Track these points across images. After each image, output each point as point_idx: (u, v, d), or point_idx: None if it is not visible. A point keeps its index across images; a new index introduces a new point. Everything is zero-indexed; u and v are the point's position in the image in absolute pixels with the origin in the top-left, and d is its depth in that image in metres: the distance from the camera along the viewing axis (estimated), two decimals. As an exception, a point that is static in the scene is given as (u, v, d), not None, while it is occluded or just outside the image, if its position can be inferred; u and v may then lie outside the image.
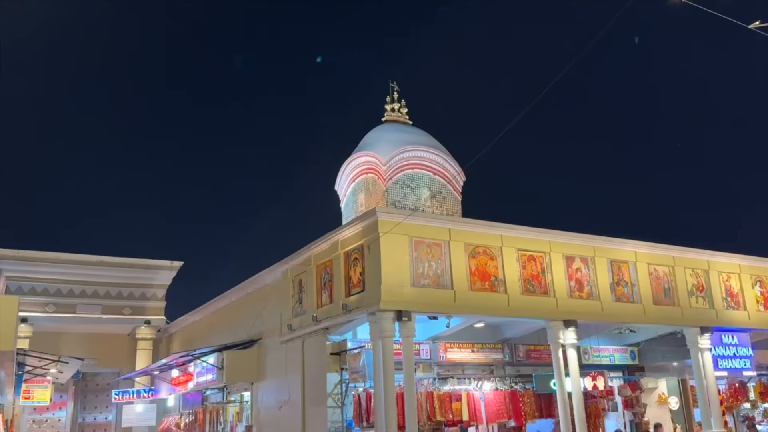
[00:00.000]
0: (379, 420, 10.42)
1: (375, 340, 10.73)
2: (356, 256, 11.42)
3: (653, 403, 16.83)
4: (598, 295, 12.83)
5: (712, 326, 14.14)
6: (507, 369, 14.52)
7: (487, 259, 11.80)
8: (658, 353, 16.24)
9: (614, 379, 15.89)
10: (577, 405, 12.14)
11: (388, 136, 21.88)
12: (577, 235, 12.95)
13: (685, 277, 14.13)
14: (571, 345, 12.32)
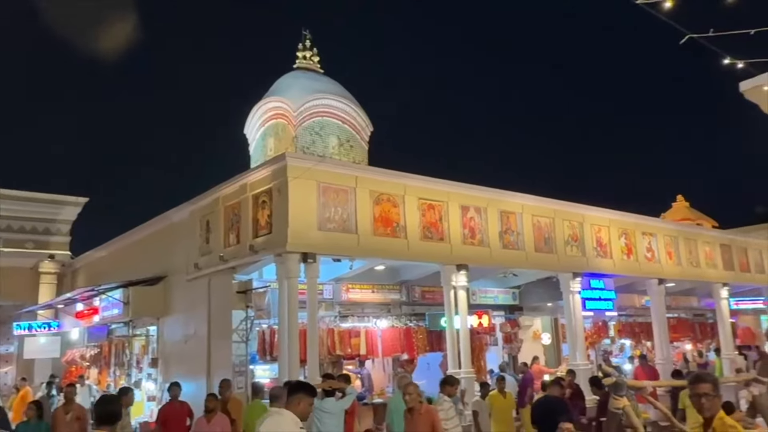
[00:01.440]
0: (283, 354, 10.32)
1: (281, 280, 10.51)
2: (264, 199, 11.04)
3: (529, 338, 17.69)
4: (488, 242, 13.12)
5: (582, 272, 14.84)
6: (403, 308, 14.74)
7: (390, 206, 11.75)
8: (535, 295, 16.99)
9: (497, 317, 16.50)
10: (464, 340, 12.50)
11: (299, 83, 21.21)
12: (473, 187, 13.11)
13: (563, 228, 14.68)
14: (461, 287, 12.60)
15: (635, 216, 16.63)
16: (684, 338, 21.14)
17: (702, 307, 22.03)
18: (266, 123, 21.01)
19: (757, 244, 20.77)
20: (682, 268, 17.46)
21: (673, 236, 17.51)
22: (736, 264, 19.43)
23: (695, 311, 22.28)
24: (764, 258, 20.70)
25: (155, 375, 13.94)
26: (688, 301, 21.74)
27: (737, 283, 19.51)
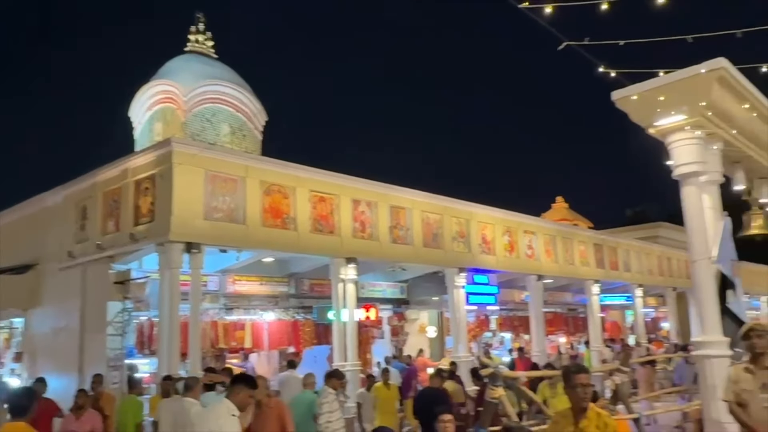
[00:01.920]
0: (162, 347, 9.89)
1: (162, 271, 10.05)
2: (147, 185, 10.51)
3: (415, 331, 18.07)
4: (378, 237, 13.23)
5: (467, 267, 15.34)
6: (291, 301, 14.56)
7: (281, 197, 11.55)
8: (422, 289, 17.35)
9: (384, 310, 16.72)
10: (351, 333, 12.55)
11: (190, 67, 20.38)
12: (365, 182, 13.17)
13: (451, 224, 15.08)
14: (350, 280, 12.62)
15: (518, 215, 17.38)
16: (558, 332, 22.40)
17: (575, 303, 23.42)
18: (154, 107, 20.03)
19: (626, 245, 22.34)
20: (559, 266, 18.45)
21: (551, 235, 18.46)
22: (607, 262, 20.79)
23: (569, 306, 23.66)
24: (631, 257, 22.29)
25: (19, 370, 12.95)
26: (563, 297, 23.04)
27: (607, 281, 20.88)
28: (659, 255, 24.28)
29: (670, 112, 6.44)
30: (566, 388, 4.01)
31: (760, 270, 30.12)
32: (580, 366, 4.25)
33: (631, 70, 6.66)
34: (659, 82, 6.52)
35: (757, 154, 8.00)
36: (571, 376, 3.94)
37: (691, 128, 6.50)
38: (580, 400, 3.89)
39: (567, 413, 3.99)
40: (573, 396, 3.95)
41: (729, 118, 6.93)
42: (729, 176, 8.14)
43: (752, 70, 6.87)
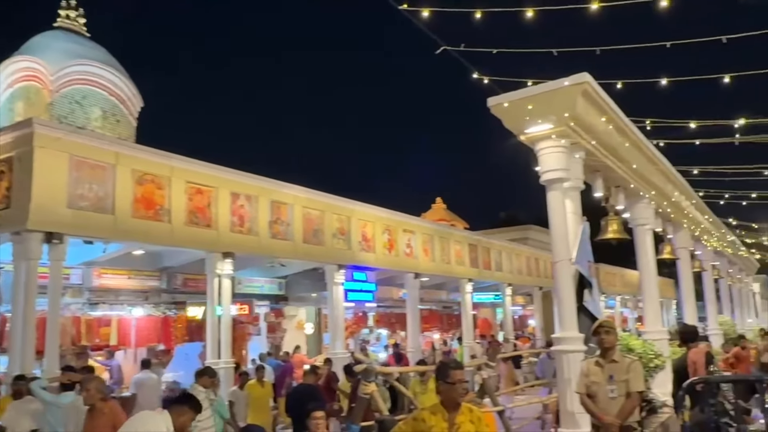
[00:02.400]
0: (15, 345, 9.11)
1: (17, 262, 9.26)
2: (3, 168, 9.62)
3: (292, 328, 17.93)
4: (257, 231, 12.98)
5: (347, 264, 15.44)
6: (163, 296, 13.96)
7: (155, 187, 11.01)
8: (301, 285, 17.26)
9: (262, 306, 16.45)
10: (225, 330, 12.22)
11: (59, 45, 18.95)
12: (246, 175, 12.86)
13: (332, 221, 15.09)
14: (226, 275, 12.29)
15: (398, 214, 17.71)
16: (433, 328, 23.11)
17: (450, 300, 24.26)
18: (15, 84, 18.43)
19: (498, 246, 23.43)
20: (435, 264, 19.00)
21: (429, 235, 18.98)
22: (481, 262, 21.70)
23: (444, 304, 24.47)
24: (503, 258, 23.41)
25: None
26: (439, 295, 23.79)
27: (480, 280, 21.79)
28: (528, 256, 25.68)
29: (538, 120, 6.83)
30: (442, 383, 3.87)
31: (616, 271, 32.78)
32: (458, 362, 4.21)
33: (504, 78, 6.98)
34: (529, 92, 6.89)
35: (614, 164, 8.66)
36: (449, 372, 3.85)
37: (557, 137, 6.92)
38: (457, 396, 3.81)
39: (438, 409, 3.86)
40: (450, 392, 3.83)
41: (590, 130, 7.45)
42: (589, 183, 8.77)
43: (610, 85, 7.42)
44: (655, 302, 10.46)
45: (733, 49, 7.73)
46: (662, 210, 11.74)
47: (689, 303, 13.47)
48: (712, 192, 15.16)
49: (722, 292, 21.14)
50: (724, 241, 18.85)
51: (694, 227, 14.42)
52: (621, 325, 32.81)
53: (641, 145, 9.17)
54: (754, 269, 30.62)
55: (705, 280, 16.82)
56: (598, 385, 5.25)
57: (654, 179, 10.48)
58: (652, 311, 10.32)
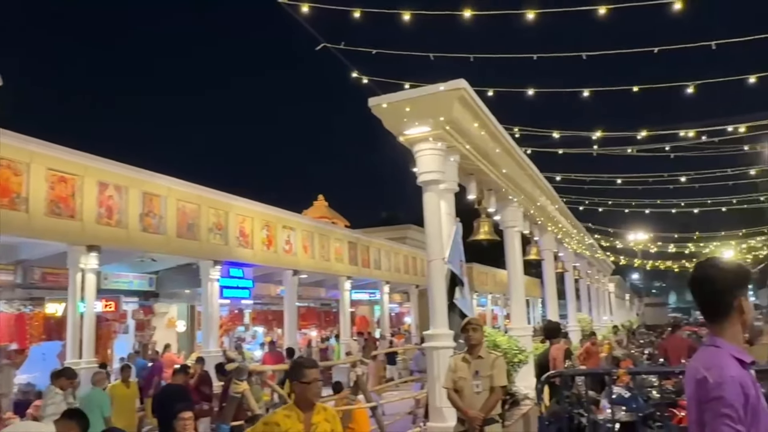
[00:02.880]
0: None
1: None
2: None
3: (163, 326, 17.20)
4: (126, 224, 12.30)
5: (223, 260, 15.03)
6: (17, 291, 12.88)
7: (11, 174, 10.13)
8: (174, 281, 16.59)
9: (130, 303, 15.64)
10: (88, 328, 11.49)
11: None
12: (115, 164, 12.14)
13: (208, 215, 14.63)
14: (91, 270, 11.57)
15: (278, 210, 17.49)
16: (311, 325, 23.06)
17: (328, 298, 24.32)
18: None
19: (378, 244, 23.79)
20: (315, 262, 18.97)
21: (310, 232, 18.91)
22: (360, 260, 21.93)
23: (322, 301, 24.49)
24: (382, 256, 23.80)
25: None
26: (317, 292, 23.78)
27: (359, 277, 22.03)
28: (406, 255, 26.29)
29: (415, 123, 6.99)
30: (297, 383, 3.76)
31: (488, 271, 34.35)
32: (312, 360, 4.12)
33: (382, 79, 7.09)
34: (407, 95, 7.05)
35: (487, 168, 9.05)
36: (303, 372, 3.73)
37: (434, 140, 7.12)
38: (313, 396, 3.75)
39: (292, 410, 3.75)
40: (305, 392, 3.73)
41: (465, 134, 7.74)
42: (464, 186, 9.11)
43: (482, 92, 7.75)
44: (521, 300, 11.06)
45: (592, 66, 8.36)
46: (530, 213, 12.44)
47: (552, 301, 14.36)
48: (573, 198, 16.28)
49: (582, 292, 22.75)
50: (584, 245, 20.30)
51: (558, 231, 15.41)
52: (492, 323, 34.46)
53: (512, 151, 9.66)
54: (610, 271, 33.24)
55: (566, 280, 18.00)
56: (464, 381, 5.47)
57: (523, 184, 11.08)
58: (518, 309, 10.90)
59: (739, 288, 2.19)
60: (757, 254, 27.60)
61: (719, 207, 18.42)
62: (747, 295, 2.22)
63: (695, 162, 13.28)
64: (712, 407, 2.06)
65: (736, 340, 2.19)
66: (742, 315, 2.18)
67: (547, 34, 9.20)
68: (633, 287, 69.04)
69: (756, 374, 2.42)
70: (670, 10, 6.15)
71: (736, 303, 2.18)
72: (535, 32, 7.07)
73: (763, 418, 2.05)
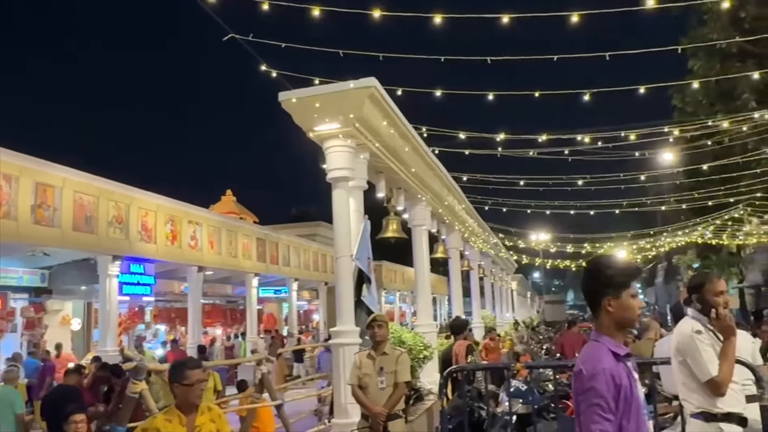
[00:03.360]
0: None
1: None
2: None
3: (56, 324, 16.27)
4: (16, 216, 11.52)
5: (123, 255, 14.41)
6: None
7: None
8: (68, 277, 15.75)
9: (19, 300, 14.71)
10: (-29, 327, 10.74)
11: None
12: (5, 152, 11.36)
13: (108, 208, 13.97)
14: (-26, 265, 10.80)
15: (184, 204, 16.95)
16: (216, 323, 22.53)
17: (235, 295, 23.85)
18: None
19: (287, 241, 23.55)
20: (221, 258, 18.54)
21: (216, 227, 18.46)
22: (268, 257, 21.63)
23: (229, 298, 23.99)
24: (291, 253, 23.58)
25: None
26: (224, 289, 23.27)
27: (267, 274, 21.73)
28: (315, 252, 26.19)
29: (325, 119, 6.98)
30: (178, 386, 3.58)
31: (397, 269, 34.78)
32: (195, 360, 3.96)
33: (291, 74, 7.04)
34: (318, 91, 7.03)
35: (396, 166, 9.17)
36: (185, 373, 3.56)
37: (344, 137, 7.13)
38: (195, 398, 3.59)
39: (173, 414, 3.59)
40: (187, 394, 3.56)
41: (375, 132, 7.80)
42: (373, 183, 9.18)
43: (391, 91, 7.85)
44: (428, 297, 11.27)
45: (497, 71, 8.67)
46: (438, 212, 12.71)
47: (457, 298, 14.73)
48: (479, 198, 16.79)
49: (486, 289, 23.51)
50: (489, 244, 20.98)
51: (464, 230, 15.83)
52: (400, 320, 34.95)
53: (420, 150, 9.84)
54: (513, 269, 34.55)
55: (472, 278, 18.53)
56: (369, 377, 5.53)
57: (431, 183, 11.31)
58: (424, 305, 11.10)
59: (606, 288, 2.36)
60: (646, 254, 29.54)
61: (612, 209, 19.56)
62: (619, 295, 2.36)
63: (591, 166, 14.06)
64: (585, 398, 2.21)
65: (611, 334, 2.36)
66: (609, 314, 2.34)
67: (455, 37, 9.44)
68: (534, 285, 72.10)
69: (639, 367, 2.59)
70: (569, 22, 6.47)
71: (604, 302, 2.35)
72: (443, 35, 7.25)
73: (635, 408, 2.21)
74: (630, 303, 2.37)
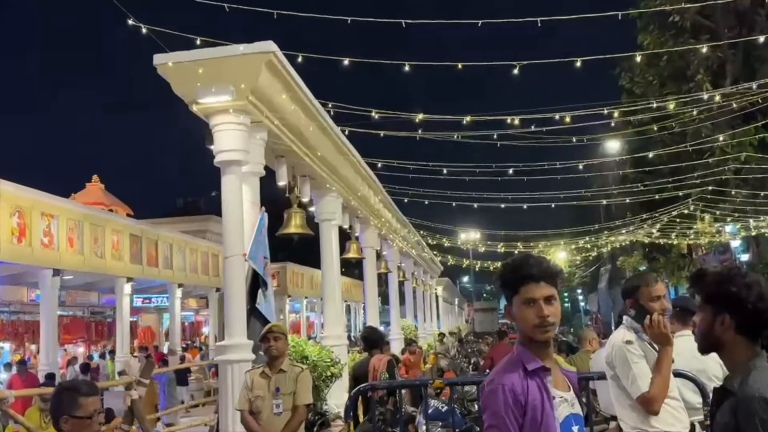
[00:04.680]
0: None
1: None
2: None
3: None
4: None
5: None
6: None
7: None
8: None
9: None
10: None
11: None
12: None
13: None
14: None
15: (35, 192, 16.16)
16: (77, 339, 21.73)
17: (102, 305, 23.07)
18: None
19: (169, 238, 22.91)
20: (84, 258, 17.83)
21: (78, 220, 17.73)
22: (145, 258, 21.00)
23: (94, 309, 23.19)
24: (174, 252, 22.98)
25: None
26: (87, 297, 22.46)
27: (143, 279, 21.10)
28: (205, 251, 25.64)
29: (212, 89, 6.84)
30: (70, 418, 3.21)
31: (304, 271, 34.63)
32: (91, 385, 3.55)
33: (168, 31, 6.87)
34: (202, 55, 6.89)
35: (300, 149, 9.12)
36: (79, 401, 3.24)
37: (235, 112, 7.02)
38: None
39: None
40: (83, 429, 3.24)
41: (274, 108, 7.73)
42: (273, 169, 9.11)
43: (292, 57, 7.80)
44: (337, 304, 11.32)
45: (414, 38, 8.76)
46: (350, 204, 12.76)
47: (373, 306, 14.88)
48: (397, 189, 16.97)
49: (407, 296, 23.84)
50: (409, 242, 21.26)
51: (381, 225, 15.98)
52: (307, 332, 34.91)
53: (329, 130, 9.82)
54: (438, 272, 35.17)
55: (390, 282, 18.74)
56: (262, 400, 5.48)
57: (342, 170, 11.32)
58: (333, 313, 11.12)
59: (507, 292, 2.42)
60: (587, 255, 30.70)
61: (548, 203, 20.22)
62: (511, 301, 2.40)
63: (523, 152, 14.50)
64: (485, 416, 2.29)
65: (526, 345, 2.39)
66: (516, 320, 2.41)
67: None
68: (463, 291, 73.76)
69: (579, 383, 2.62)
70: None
71: (509, 308, 2.43)
72: None
73: (545, 424, 2.27)
74: (521, 312, 2.35)
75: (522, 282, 2.35)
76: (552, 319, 2.30)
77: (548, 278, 2.33)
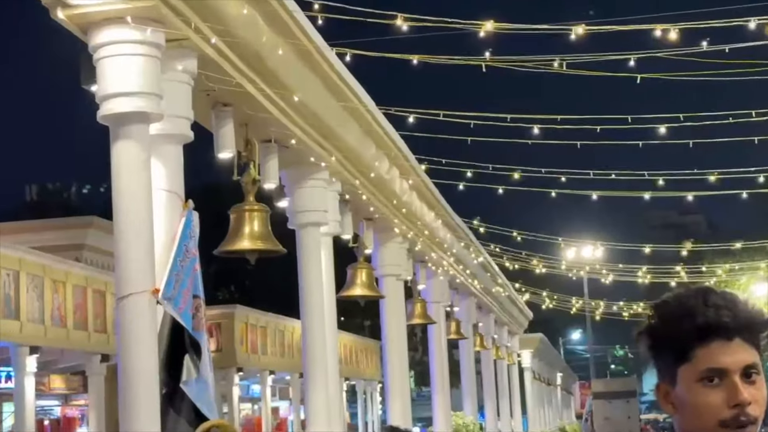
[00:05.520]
0: None
1: None
2: None
3: None
4: None
5: None
6: None
7: None
8: None
9: None
10: None
11: None
12: None
13: None
14: None
15: None
16: None
17: None
18: None
19: (11, 260, 23.18)
20: None
21: None
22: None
23: None
24: (22, 288, 23.27)
25: None
26: None
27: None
28: (81, 284, 25.90)
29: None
30: None
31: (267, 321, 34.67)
32: None
33: None
34: None
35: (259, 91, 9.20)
36: None
37: (137, 21, 7.07)
38: None
39: None
40: None
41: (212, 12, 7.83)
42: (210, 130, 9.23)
43: None
44: (331, 383, 11.42)
45: None
46: (356, 198, 12.88)
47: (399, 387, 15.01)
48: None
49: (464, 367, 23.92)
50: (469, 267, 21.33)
51: (419, 234, 16.03)
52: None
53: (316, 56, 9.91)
54: (523, 325, 35.36)
55: (462, 353, 19.21)
56: None
57: (341, 130, 11.40)
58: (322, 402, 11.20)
59: (664, 359, 2.34)
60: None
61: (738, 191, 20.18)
62: (674, 377, 2.31)
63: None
64: None
65: None
66: (674, 414, 2.33)
67: None
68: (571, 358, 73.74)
69: None
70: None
71: (667, 390, 2.35)
72: None
73: None
74: (695, 395, 2.08)
75: (698, 339, 2.22)
76: (754, 410, 2.16)
77: (748, 333, 2.18)
